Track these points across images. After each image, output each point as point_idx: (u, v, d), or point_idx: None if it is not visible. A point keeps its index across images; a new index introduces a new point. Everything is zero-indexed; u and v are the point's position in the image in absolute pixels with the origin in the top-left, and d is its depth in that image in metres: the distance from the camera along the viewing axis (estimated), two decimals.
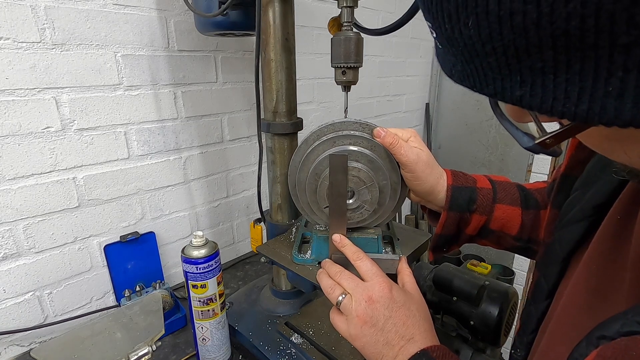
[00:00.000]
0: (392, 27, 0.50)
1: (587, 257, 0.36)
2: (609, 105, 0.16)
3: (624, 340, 0.22)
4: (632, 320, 0.22)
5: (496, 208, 0.54)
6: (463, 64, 0.21)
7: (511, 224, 0.55)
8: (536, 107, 0.19)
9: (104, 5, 0.77)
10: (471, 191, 0.54)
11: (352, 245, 0.51)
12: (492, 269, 1.02)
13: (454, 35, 0.20)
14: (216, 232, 1.13)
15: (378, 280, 0.45)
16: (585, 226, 0.38)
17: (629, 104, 0.16)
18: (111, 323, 0.63)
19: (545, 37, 0.16)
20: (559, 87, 0.17)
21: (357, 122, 0.52)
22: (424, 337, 0.42)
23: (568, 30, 0.16)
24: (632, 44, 0.15)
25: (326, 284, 0.48)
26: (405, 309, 0.44)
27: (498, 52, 0.18)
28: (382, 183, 0.52)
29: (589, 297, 0.34)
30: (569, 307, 0.36)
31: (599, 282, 0.33)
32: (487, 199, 0.54)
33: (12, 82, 0.68)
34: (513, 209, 0.55)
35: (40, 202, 0.76)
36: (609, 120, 0.17)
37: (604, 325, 0.24)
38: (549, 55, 0.17)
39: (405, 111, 1.92)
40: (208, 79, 0.98)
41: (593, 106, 0.17)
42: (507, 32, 0.17)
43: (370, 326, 0.43)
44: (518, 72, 0.18)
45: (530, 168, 1.83)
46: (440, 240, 0.56)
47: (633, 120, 0.16)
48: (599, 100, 0.17)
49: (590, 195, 0.38)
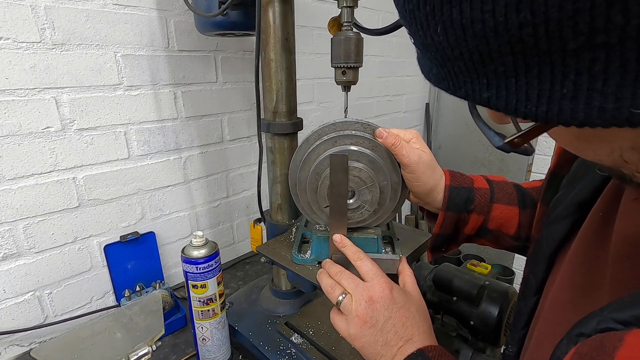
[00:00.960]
0: (392, 27, 0.50)
1: (571, 253, 0.37)
2: (565, 107, 0.18)
3: (600, 337, 0.22)
4: (608, 317, 0.23)
5: (494, 208, 0.55)
6: (438, 67, 0.22)
7: (509, 223, 0.55)
8: (502, 108, 0.20)
9: (104, 5, 0.77)
10: (468, 191, 0.54)
11: (353, 246, 0.51)
12: (492, 269, 1.02)
13: (427, 41, 0.21)
14: (216, 232, 1.13)
15: (378, 281, 0.45)
16: (570, 223, 0.39)
17: (582, 105, 0.17)
18: (111, 323, 0.63)
19: (504, 43, 0.18)
20: (520, 90, 0.19)
21: (358, 122, 0.52)
22: (423, 338, 0.42)
23: (522, 37, 0.17)
24: (580, 49, 0.16)
25: (326, 283, 0.48)
26: (405, 310, 0.44)
27: (465, 57, 0.20)
28: (382, 183, 0.52)
29: (573, 293, 0.34)
30: (555, 304, 0.37)
31: (583, 278, 0.34)
32: (484, 199, 0.54)
33: (12, 82, 0.68)
34: (510, 208, 0.55)
35: (40, 202, 0.76)
36: (566, 121, 0.18)
37: (582, 322, 0.24)
38: (509, 60, 0.18)
39: (405, 111, 1.92)
40: (208, 79, 0.98)
41: (551, 107, 0.18)
42: (470, 39, 0.18)
43: (370, 326, 0.43)
44: (484, 76, 0.20)
45: (530, 168, 1.83)
46: (438, 240, 0.56)
47: (586, 121, 0.17)
48: (557, 102, 0.18)
49: (575, 193, 0.39)
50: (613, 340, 0.21)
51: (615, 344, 0.20)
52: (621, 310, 0.22)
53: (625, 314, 0.22)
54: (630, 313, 0.22)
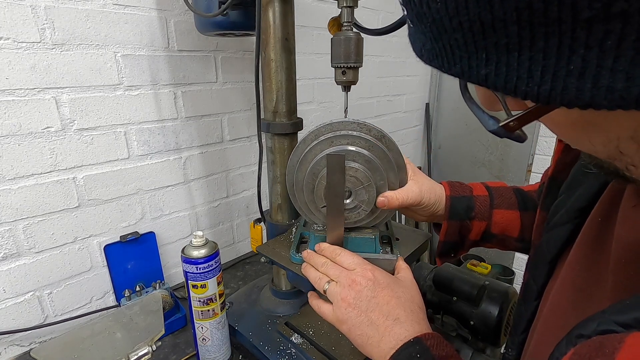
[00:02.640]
0: (392, 27, 0.50)
1: (571, 258, 0.37)
2: (570, 85, 0.16)
3: (600, 339, 0.22)
4: (609, 319, 0.22)
5: (494, 213, 0.57)
6: (432, 42, 0.21)
7: (511, 226, 0.57)
8: (500, 86, 0.19)
9: (104, 5, 0.77)
10: (468, 199, 0.57)
11: (329, 246, 0.52)
12: (492, 269, 1.02)
13: (423, 10, 0.20)
14: (216, 232, 1.13)
15: (362, 267, 0.47)
16: (571, 228, 0.39)
17: (589, 84, 0.16)
18: (111, 323, 0.63)
19: (510, 10, 0.16)
20: (522, 65, 0.17)
21: (355, 122, 0.52)
22: (411, 318, 0.42)
23: (531, 3, 0.16)
24: (593, 19, 0.15)
25: (314, 275, 0.49)
26: (389, 290, 0.44)
27: (464, 27, 0.18)
28: (379, 183, 0.52)
29: (574, 297, 0.34)
30: (556, 308, 0.37)
31: (584, 282, 0.34)
32: (484, 206, 0.57)
33: (12, 82, 0.68)
34: (511, 212, 0.57)
35: (40, 202, 0.76)
36: (570, 101, 0.17)
37: (583, 324, 0.24)
38: (513, 31, 0.17)
39: (405, 111, 1.92)
40: (208, 79, 0.98)
41: (555, 85, 0.17)
42: (472, 6, 0.17)
43: (354, 307, 0.43)
44: (483, 50, 0.18)
45: (530, 168, 1.83)
46: (445, 247, 0.59)
47: (592, 102, 0.16)
48: (561, 80, 0.17)
49: (574, 199, 0.39)
50: (613, 342, 0.21)
51: (615, 346, 0.20)
52: (623, 313, 0.22)
53: (626, 317, 0.22)
54: (632, 316, 0.22)
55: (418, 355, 0.37)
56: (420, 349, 0.38)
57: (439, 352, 0.38)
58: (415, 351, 0.38)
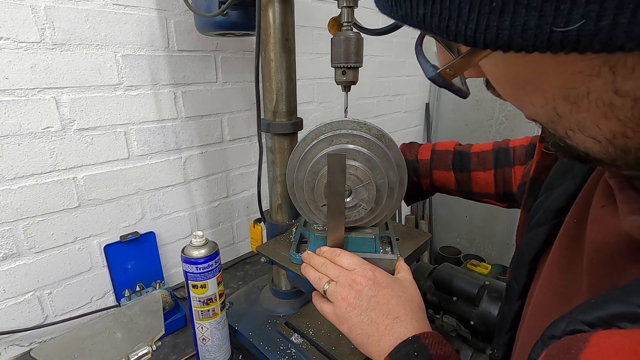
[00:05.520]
0: (392, 27, 0.50)
1: (550, 259, 0.37)
2: (491, 23, 0.17)
3: (568, 339, 0.22)
4: (576, 319, 0.23)
5: (433, 173, 0.69)
6: None
7: (448, 182, 0.68)
8: (435, 27, 0.19)
9: (104, 5, 0.77)
10: (413, 163, 0.70)
11: (328, 248, 0.52)
12: (492, 269, 1.02)
13: None
14: (216, 232, 1.13)
15: (362, 267, 0.47)
16: (549, 229, 0.39)
17: (507, 22, 0.16)
18: (111, 323, 0.63)
19: None
20: (453, 3, 0.18)
21: (355, 121, 0.52)
22: (410, 317, 0.42)
23: None
24: None
25: (314, 276, 0.49)
26: (389, 289, 0.45)
27: None
28: (379, 182, 0.52)
29: (553, 299, 0.34)
30: (537, 310, 0.37)
31: (562, 284, 0.34)
32: (425, 168, 0.69)
33: (12, 82, 0.68)
34: (445, 172, 0.68)
35: (40, 202, 0.76)
36: (492, 41, 0.17)
37: (554, 325, 0.24)
38: None
39: (405, 111, 1.92)
40: (208, 79, 0.98)
41: (479, 25, 0.17)
42: None
43: (354, 307, 0.44)
44: None
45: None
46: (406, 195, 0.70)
47: (511, 42, 0.17)
48: (484, 18, 0.17)
49: (552, 200, 0.40)
50: (579, 343, 0.21)
51: (580, 346, 0.20)
52: (587, 312, 0.22)
53: (590, 316, 0.22)
54: (596, 314, 0.22)
55: (416, 353, 0.37)
56: (418, 347, 0.38)
57: (437, 351, 0.38)
58: (413, 349, 0.38)
